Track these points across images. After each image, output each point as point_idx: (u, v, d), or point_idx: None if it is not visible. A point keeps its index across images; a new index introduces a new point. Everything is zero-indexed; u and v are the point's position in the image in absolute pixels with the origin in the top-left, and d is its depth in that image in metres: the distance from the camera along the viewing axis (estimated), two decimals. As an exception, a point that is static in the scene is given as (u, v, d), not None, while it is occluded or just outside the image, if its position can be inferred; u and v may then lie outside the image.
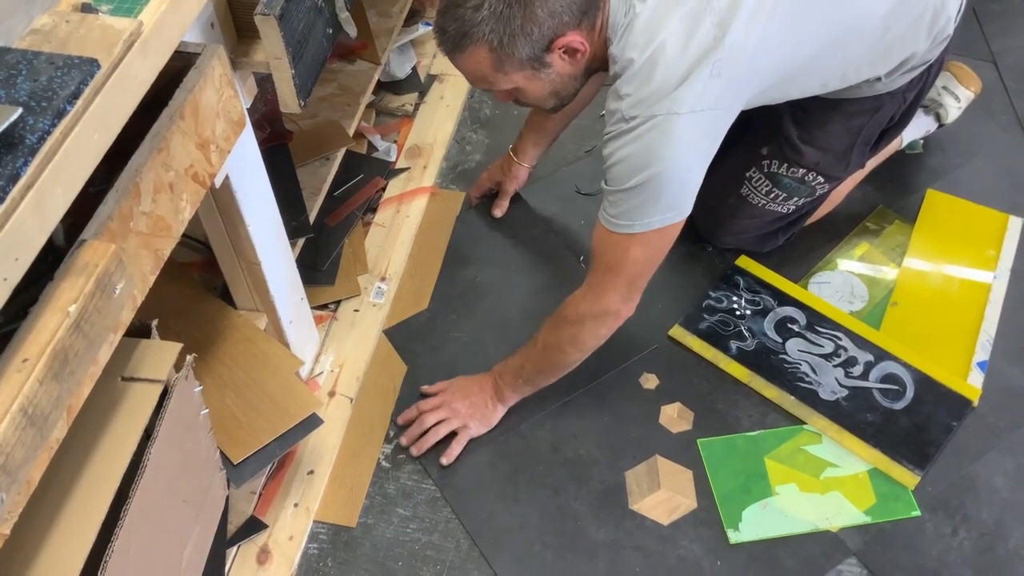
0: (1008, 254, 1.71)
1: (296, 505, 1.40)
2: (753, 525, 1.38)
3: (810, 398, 1.51)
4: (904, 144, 1.82)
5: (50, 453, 0.74)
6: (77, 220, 0.81)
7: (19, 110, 0.69)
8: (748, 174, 1.59)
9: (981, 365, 1.55)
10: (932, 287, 1.67)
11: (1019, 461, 1.44)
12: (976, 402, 1.50)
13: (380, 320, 1.65)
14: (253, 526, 1.36)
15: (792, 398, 1.51)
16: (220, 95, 0.98)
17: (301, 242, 1.54)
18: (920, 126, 1.83)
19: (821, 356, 1.56)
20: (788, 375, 1.54)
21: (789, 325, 1.61)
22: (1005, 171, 1.86)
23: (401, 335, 1.63)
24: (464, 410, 1.48)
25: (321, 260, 1.67)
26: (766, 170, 1.57)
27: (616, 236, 1.27)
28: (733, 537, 1.37)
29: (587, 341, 1.38)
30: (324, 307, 1.66)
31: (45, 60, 0.75)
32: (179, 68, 0.94)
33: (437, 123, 2.00)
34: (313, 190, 1.61)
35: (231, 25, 1.09)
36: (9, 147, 0.68)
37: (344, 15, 1.21)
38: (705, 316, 1.63)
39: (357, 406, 1.53)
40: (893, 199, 1.82)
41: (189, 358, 0.97)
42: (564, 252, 1.75)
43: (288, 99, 1.11)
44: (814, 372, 1.54)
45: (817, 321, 1.61)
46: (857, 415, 1.48)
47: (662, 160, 1.19)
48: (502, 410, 1.50)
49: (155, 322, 0.97)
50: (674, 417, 1.51)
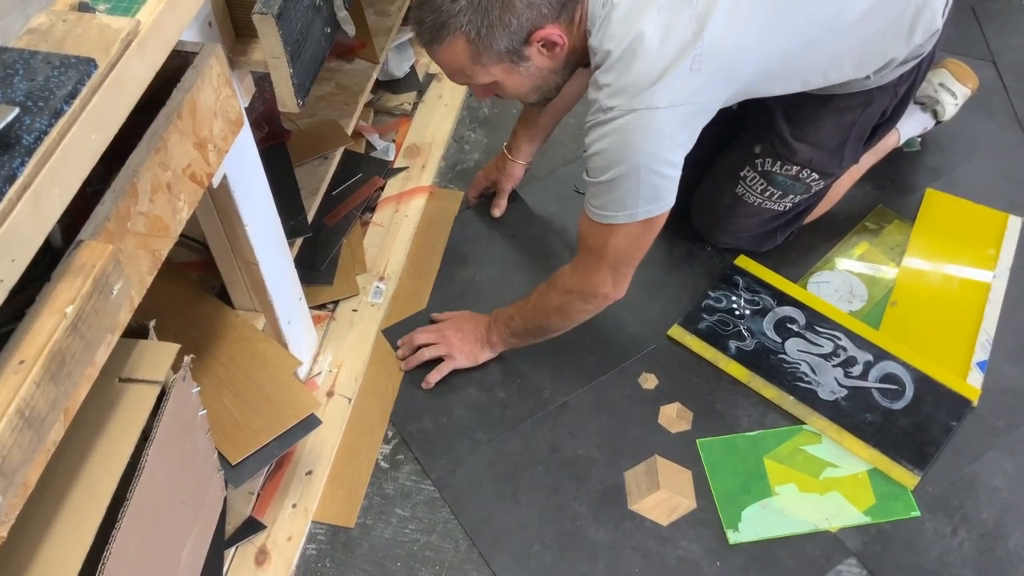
0: (1007, 253, 1.71)
1: (294, 506, 1.40)
2: (752, 525, 1.38)
3: (809, 398, 1.51)
4: (902, 142, 1.82)
5: (47, 455, 0.73)
6: (74, 220, 0.81)
7: (16, 110, 0.69)
8: (743, 173, 1.59)
9: (981, 365, 1.54)
10: (931, 286, 1.67)
11: (1019, 461, 1.44)
12: (976, 402, 1.49)
13: (378, 320, 1.65)
14: (251, 527, 1.36)
15: (791, 398, 1.51)
16: (218, 94, 0.97)
17: (299, 242, 1.53)
18: (917, 123, 1.83)
19: (820, 356, 1.56)
20: (787, 375, 1.54)
21: (788, 325, 1.60)
22: (1004, 170, 1.86)
23: (400, 335, 1.62)
24: (455, 342, 1.55)
25: (319, 260, 1.67)
26: (760, 168, 1.57)
27: (598, 225, 1.27)
28: (732, 537, 1.37)
29: (572, 314, 1.42)
30: (322, 307, 1.66)
31: (42, 59, 0.75)
32: (176, 67, 0.94)
33: (435, 122, 1.99)
34: (311, 189, 1.61)
35: (229, 24, 1.08)
36: (6, 147, 0.68)
37: (342, 14, 1.20)
38: (704, 316, 1.62)
39: (355, 406, 1.53)
40: (892, 198, 1.82)
41: (187, 359, 0.97)
42: (563, 252, 1.75)
43: (286, 98, 1.11)
44: (813, 372, 1.54)
45: (816, 321, 1.61)
46: (856, 415, 1.48)
47: (640, 154, 1.19)
48: (489, 353, 1.56)
49: (152, 323, 0.96)
50: (673, 417, 1.50)
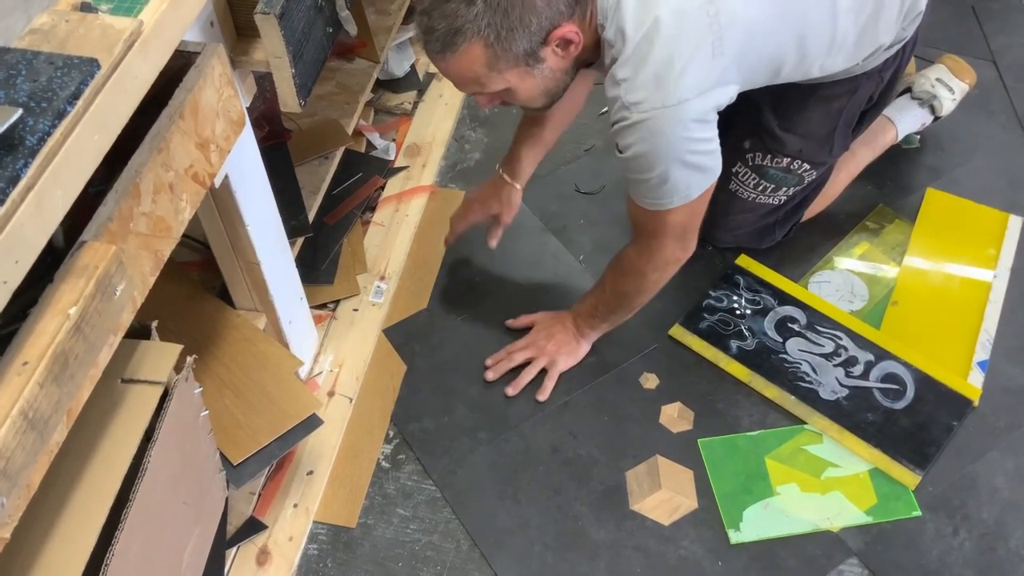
0: (1008, 253, 1.71)
1: (296, 506, 1.40)
2: (754, 525, 1.38)
3: (811, 398, 1.51)
4: (900, 138, 1.82)
5: (50, 456, 0.73)
6: (76, 221, 0.80)
7: (19, 111, 0.68)
8: (734, 169, 1.58)
9: (981, 364, 1.54)
10: (932, 286, 1.67)
11: (1020, 461, 1.44)
12: (976, 402, 1.49)
13: (379, 320, 1.64)
14: (253, 527, 1.36)
15: (792, 398, 1.51)
16: (220, 94, 0.97)
17: (300, 241, 1.53)
18: (915, 119, 1.82)
19: (821, 356, 1.56)
20: (788, 375, 1.54)
21: (789, 324, 1.60)
22: (1005, 170, 1.86)
23: (400, 334, 1.62)
24: (552, 348, 1.55)
25: (320, 259, 1.66)
26: (751, 163, 1.57)
27: (655, 212, 1.28)
28: (734, 537, 1.37)
29: (652, 288, 1.43)
30: (323, 307, 1.66)
31: (45, 60, 0.75)
32: (178, 67, 0.93)
33: (436, 121, 1.99)
34: (312, 189, 1.61)
35: (231, 24, 1.08)
36: (9, 148, 0.68)
37: (344, 13, 1.20)
38: (705, 315, 1.62)
39: (357, 406, 1.52)
40: (893, 198, 1.82)
41: (189, 359, 0.97)
42: (564, 251, 1.75)
43: (288, 98, 1.11)
44: (814, 372, 1.54)
45: (817, 320, 1.61)
46: (858, 415, 1.48)
47: (680, 147, 1.19)
48: (587, 345, 1.57)
49: (155, 323, 0.96)
50: (674, 417, 1.50)
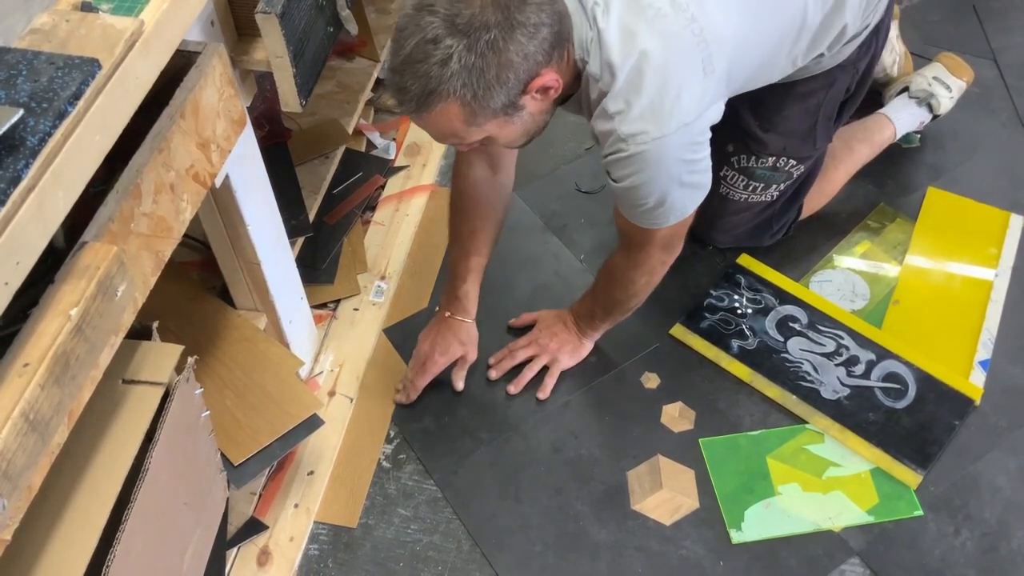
0: (1009, 252, 1.71)
1: (296, 506, 1.39)
2: (755, 525, 1.38)
3: (812, 397, 1.50)
4: (898, 136, 1.81)
5: (51, 458, 0.73)
6: (77, 221, 0.80)
7: (20, 112, 0.68)
8: (722, 173, 1.58)
9: (983, 364, 1.54)
10: (934, 285, 1.67)
11: (1021, 460, 1.44)
12: (978, 401, 1.49)
13: (380, 319, 1.64)
14: (253, 527, 1.36)
15: (794, 397, 1.50)
16: (221, 94, 0.97)
17: (300, 241, 1.53)
18: (913, 117, 1.82)
19: (823, 355, 1.56)
20: (790, 374, 1.53)
21: (790, 324, 1.60)
22: (1006, 168, 1.86)
23: (401, 334, 1.62)
24: (554, 347, 1.55)
25: (320, 259, 1.66)
26: (737, 166, 1.57)
27: (642, 227, 1.29)
28: (735, 537, 1.37)
29: (644, 291, 1.43)
30: (323, 306, 1.65)
31: (45, 60, 0.75)
32: (179, 67, 0.93)
33: (436, 120, 1.98)
34: (312, 188, 1.61)
35: (231, 23, 1.08)
36: (10, 149, 0.67)
37: (345, 13, 1.20)
38: (706, 315, 1.62)
39: (357, 406, 1.52)
40: (894, 197, 1.81)
41: (190, 360, 0.96)
42: (564, 250, 1.75)
43: (289, 98, 1.10)
44: (816, 371, 1.53)
45: (819, 320, 1.60)
46: (859, 414, 1.48)
47: (679, 170, 1.19)
48: (589, 343, 1.57)
49: (156, 324, 0.96)
50: (676, 416, 1.50)
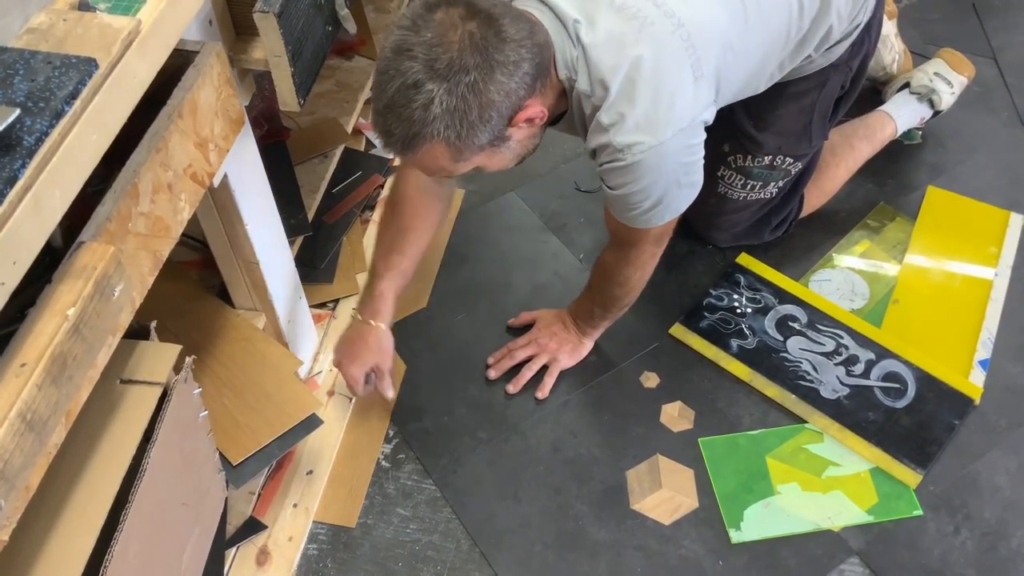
0: (1009, 251, 1.71)
1: (295, 505, 1.39)
2: (755, 524, 1.38)
3: (811, 397, 1.50)
4: (899, 133, 1.81)
5: (48, 458, 0.73)
6: (74, 220, 0.80)
7: (16, 111, 0.68)
8: (719, 173, 1.59)
9: (983, 363, 1.54)
10: (933, 284, 1.67)
11: (1021, 460, 1.44)
12: (978, 400, 1.49)
13: (379, 318, 1.64)
14: (252, 527, 1.35)
15: (793, 397, 1.50)
16: (219, 93, 0.97)
17: (299, 240, 1.53)
18: (914, 113, 1.82)
19: (822, 354, 1.55)
20: (789, 373, 1.53)
21: (790, 323, 1.60)
22: (1006, 167, 1.86)
23: (400, 333, 1.61)
24: (554, 346, 1.56)
25: (319, 258, 1.66)
26: (734, 166, 1.57)
27: (635, 228, 1.29)
28: (735, 536, 1.37)
29: (639, 284, 1.44)
30: (322, 306, 1.65)
31: (42, 59, 0.74)
32: (177, 66, 0.93)
33: (435, 120, 1.98)
34: (311, 188, 1.60)
35: (229, 22, 1.07)
36: (6, 149, 0.67)
37: (344, 12, 1.19)
38: (706, 314, 1.62)
39: (356, 405, 1.52)
40: (894, 196, 1.81)
41: (188, 360, 0.96)
42: (564, 250, 1.75)
43: (287, 97, 1.10)
44: (815, 370, 1.53)
45: (818, 319, 1.60)
46: (859, 414, 1.48)
47: (676, 172, 1.20)
48: (589, 343, 1.58)
49: (154, 324, 0.96)
50: (675, 416, 1.50)
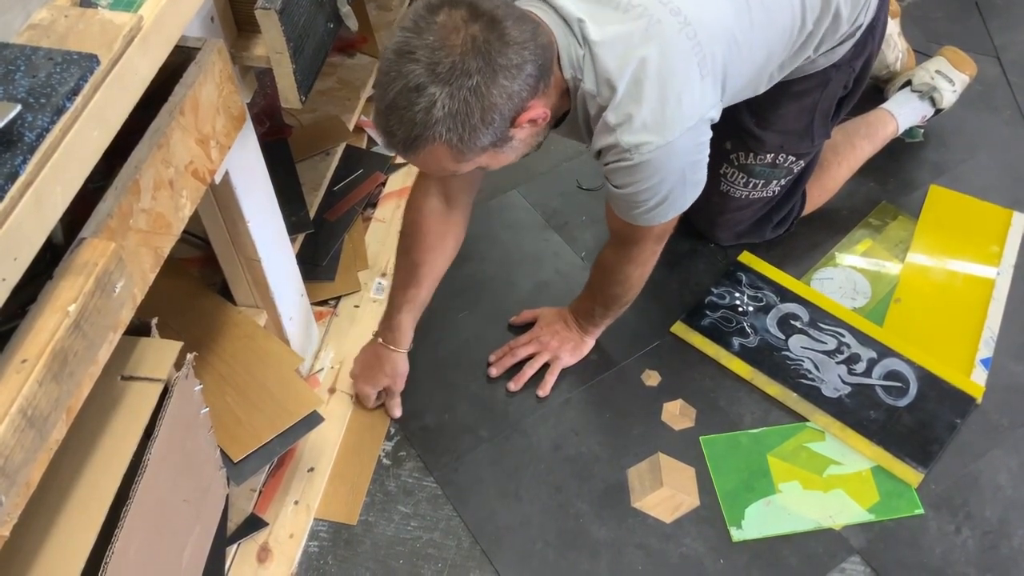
0: (1012, 250, 1.70)
1: (296, 503, 1.39)
2: (756, 523, 1.38)
3: (813, 395, 1.50)
4: (901, 131, 1.81)
5: (49, 454, 0.73)
6: (75, 217, 0.80)
7: (17, 107, 0.68)
8: (722, 171, 1.59)
9: (985, 362, 1.54)
10: (935, 283, 1.66)
11: (1023, 459, 1.43)
12: (980, 399, 1.49)
13: (380, 316, 1.63)
14: (253, 524, 1.36)
15: (795, 395, 1.50)
16: (220, 90, 0.97)
17: (301, 238, 1.53)
18: (915, 112, 1.82)
19: (824, 353, 1.55)
20: (791, 372, 1.53)
21: (792, 322, 1.60)
22: (1008, 166, 1.86)
23: (402, 331, 1.62)
24: (555, 344, 1.55)
25: (321, 256, 1.66)
26: (736, 163, 1.57)
27: (637, 226, 1.29)
28: (736, 535, 1.37)
29: (639, 282, 1.43)
30: (324, 303, 1.65)
31: (44, 55, 0.74)
32: (178, 63, 0.93)
33: (437, 117, 1.98)
34: (313, 185, 1.60)
35: (231, 19, 1.07)
36: (8, 145, 0.67)
37: (345, 9, 1.19)
38: (707, 312, 1.62)
39: (358, 403, 1.52)
40: (896, 195, 1.81)
41: (189, 357, 0.96)
42: (565, 248, 1.74)
43: (289, 94, 1.10)
44: (817, 369, 1.53)
45: (820, 318, 1.60)
46: (860, 412, 1.48)
47: (683, 171, 1.20)
48: (591, 341, 1.57)
49: (155, 320, 0.96)
50: (676, 414, 1.50)
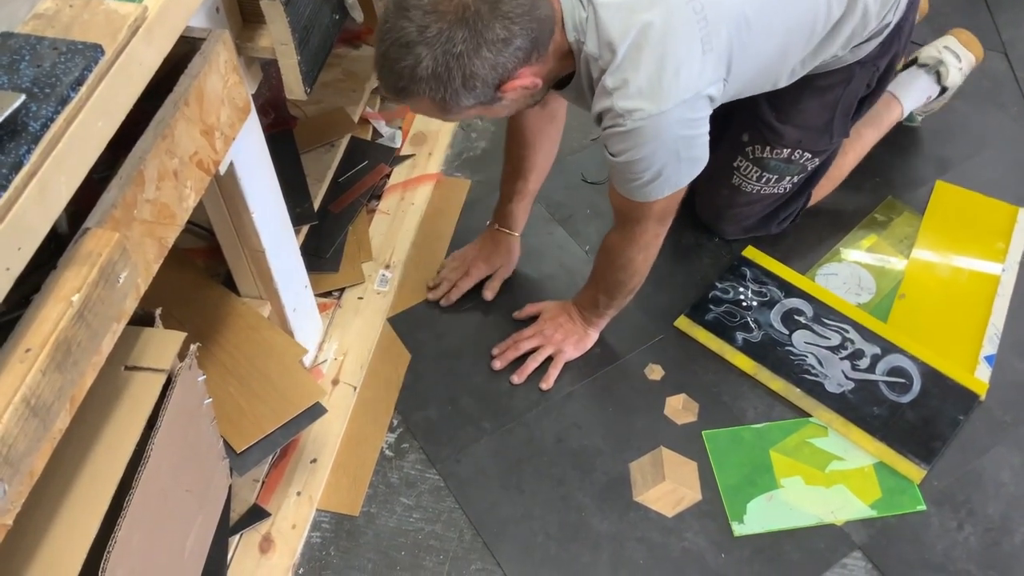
0: (1017, 246, 1.70)
1: (299, 493, 1.40)
2: (758, 518, 1.38)
3: (816, 391, 1.50)
4: (905, 115, 1.80)
5: (53, 443, 0.73)
6: (80, 206, 0.80)
7: (22, 97, 0.68)
8: (735, 164, 1.58)
9: (989, 359, 1.54)
10: (940, 279, 1.66)
11: (1026, 456, 1.44)
12: (983, 396, 1.49)
13: (384, 308, 1.64)
14: (256, 514, 1.36)
15: (798, 390, 1.50)
16: (225, 81, 0.97)
17: (305, 229, 1.53)
18: (921, 91, 1.80)
19: (828, 348, 1.55)
20: (794, 367, 1.53)
21: (796, 317, 1.60)
22: (1015, 163, 1.85)
23: (405, 323, 1.62)
24: (559, 337, 1.55)
25: (325, 247, 1.66)
26: (751, 156, 1.56)
27: (636, 201, 1.28)
28: (737, 529, 1.37)
29: (644, 267, 1.43)
30: (328, 295, 1.65)
31: (48, 45, 0.74)
32: (183, 53, 0.93)
33: (442, 109, 1.98)
34: (317, 176, 1.61)
35: (236, 10, 1.07)
36: (12, 135, 0.67)
37: (351, 0, 1.19)
38: (711, 307, 1.62)
39: (361, 394, 1.52)
40: (902, 190, 1.80)
41: (193, 347, 0.96)
42: (570, 241, 1.74)
43: (293, 86, 1.10)
44: (820, 364, 1.53)
45: (824, 313, 1.60)
46: (863, 408, 1.48)
47: (676, 144, 1.18)
48: (594, 333, 1.57)
49: (159, 311, 0.96)
50: (679, 408, 1.50)
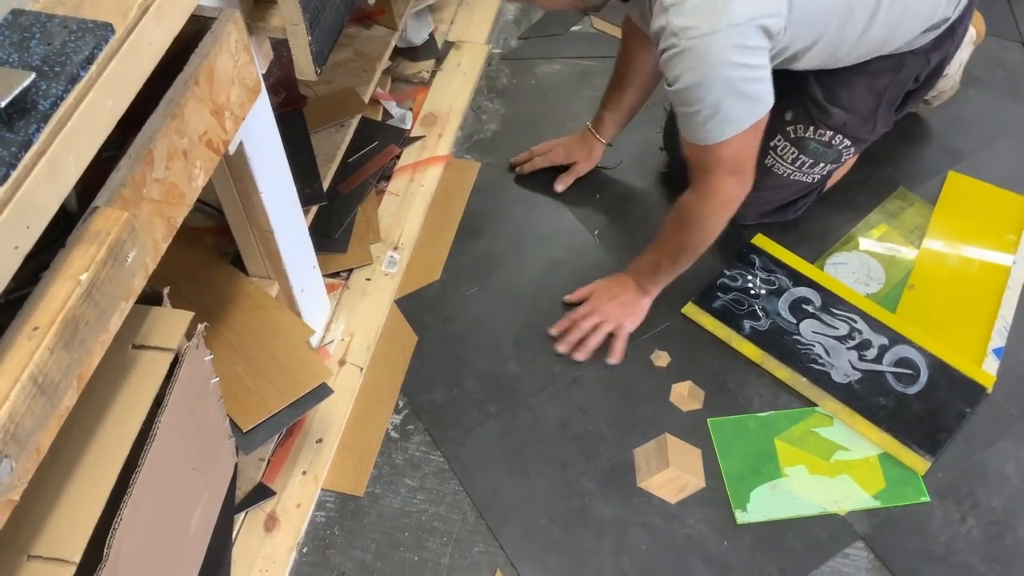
0: (1029, 239, 1.69)
1: (304, 473, 1.40)
2: (761, 506, 1.38)
3: (823, 380, 1.50)
4: None
5: (60, 421, 0.74)
6: (89, 185, 0.80)
7: (32, 75, 0.68)
8: (773, 143, 1.57)
9: (997, 351, 1.53)
10: (950, 270, 1.65)
11: (1031, 449, 1.43)
12: (990, 389, 1.48)
13: (392, 290, 1.64)
14: (261, 493, 1.37)
15: (804, 380, 1.50)
16: (236, 61, 0.96)
17: (314, 209, 1.53)
18: None
19: (835, 338, 1.55)
20: (801, 356, 1.53)
21: (804, 306, 1.59)
22: (1028, 155, 1.84)
23: (413, 305, 1.62)
24: (616, 311, 1.55)
25: (334, 228, 1.66)
26: (792, 136, 1.55)
27: (708, 147, 1.27)
28: (740, 517, 1.37)
29: (714, 231, 1.42)
30: (336, 275, 1.65)
31: (59, 23, 0.74)
32: (194, 32, 0.92)
33: (453, 91, 1.98)
34: (327, 157, 1.60)
35: (248, -11, 1.07)
36: (22, 113, 0.67)
37: (363, -19, 1.19)
38: (719, 294, 1.61)
39: (367, 375, 1.53)
40: (913, 180, 1.79)
41: (200, 326, 0.96)
42: (578, 226, 1.74)
43: (304, 66, 1.10)
44: (828, 354, 1.53)
45: (832, 303, 1.59)
46: (869, 399, 1.47)
47: (730, 74, 1.17)
48: (648, 302, 1.57)
49: (167, 290, 0.96)
50: (685, 395, 1.50)
